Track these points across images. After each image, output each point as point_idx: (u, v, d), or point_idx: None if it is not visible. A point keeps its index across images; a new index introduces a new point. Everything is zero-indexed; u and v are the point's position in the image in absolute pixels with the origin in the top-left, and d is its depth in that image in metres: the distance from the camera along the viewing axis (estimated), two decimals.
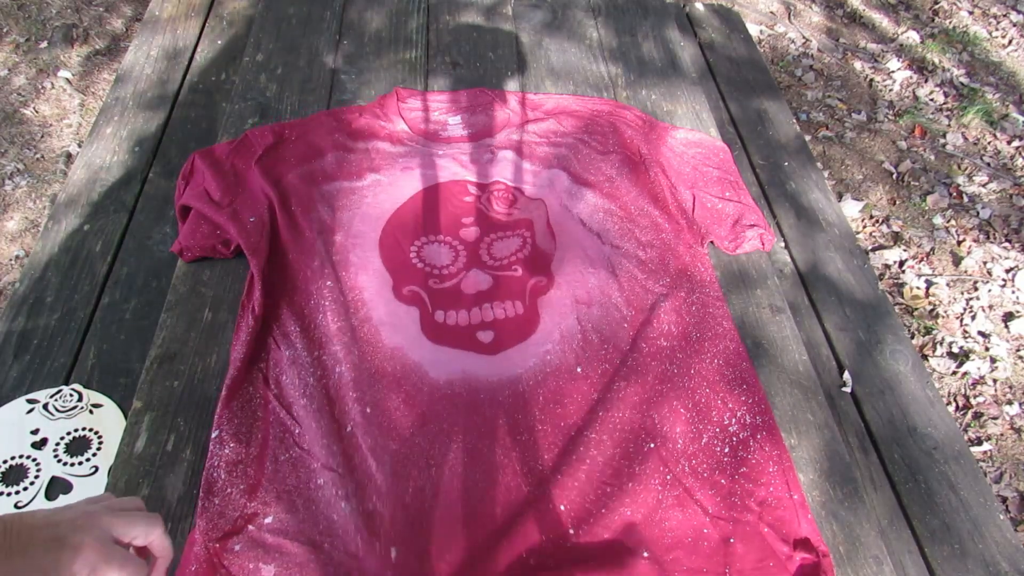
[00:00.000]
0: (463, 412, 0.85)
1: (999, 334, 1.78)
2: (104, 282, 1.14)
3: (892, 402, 1.13)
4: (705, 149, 1.19)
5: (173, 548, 0.55)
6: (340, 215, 1.03)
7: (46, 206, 1.86)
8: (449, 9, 1.44)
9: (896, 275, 1.89)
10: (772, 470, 0.82)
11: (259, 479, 0.78)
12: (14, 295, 1.13)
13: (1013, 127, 2.33)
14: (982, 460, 1.55)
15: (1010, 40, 2.69)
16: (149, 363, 0.88)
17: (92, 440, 0.97)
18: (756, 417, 0.86)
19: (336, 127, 1.15)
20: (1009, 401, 1.65)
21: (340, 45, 1.34)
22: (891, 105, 2.40)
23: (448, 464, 0.81)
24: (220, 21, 1.54)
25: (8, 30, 2.28)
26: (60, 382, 1.03)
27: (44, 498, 0.91)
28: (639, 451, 0.83)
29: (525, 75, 1.32)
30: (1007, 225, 2.04)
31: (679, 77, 1.34)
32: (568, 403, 0.86)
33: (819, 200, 1.43)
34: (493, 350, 0.90)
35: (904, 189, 2.13)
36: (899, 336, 1.22)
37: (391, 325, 0.92)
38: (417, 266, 0.99)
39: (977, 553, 0.97)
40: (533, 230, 1.05)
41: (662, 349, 0.92)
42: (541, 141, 1.17)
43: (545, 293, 0.97)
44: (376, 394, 0.85)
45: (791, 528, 0.78)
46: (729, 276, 1.05)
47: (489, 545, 0.75)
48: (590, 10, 1.48)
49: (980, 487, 1.03)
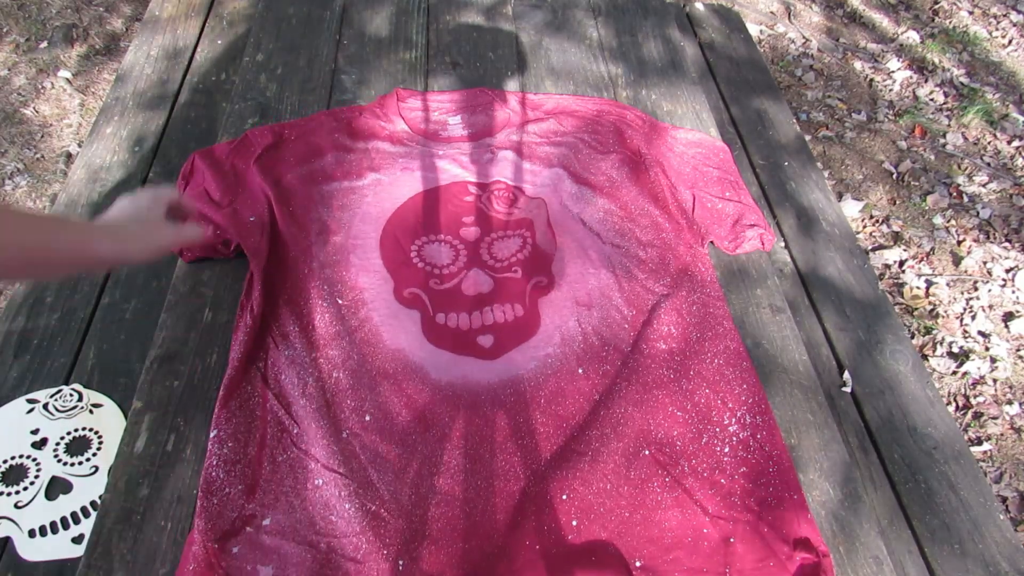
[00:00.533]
0: (464, 414, 0.85)
1: (999, 334, 1.78)
2: (104, 282, 1.15)
3: (892, 402, 1.13)
4: (705, 149, 1.19)
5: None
6: (340, 215, 1.03)
7: (46, 206, 1.86)
8: (449, 9, 1.44)
9: (896, 275, 1.89)
10: (772, 470, 0.82)
11: (257, 479, 0.78)
12: (14, 295, 1.13)
13: (1013, 127, 2.33)
14: (982, 460, 1.55)
15: (1010, 40, 2.69)
16: (149, 363, 0.88)
17: (92, 440, 0.97)
18: (756, 417, 0.86)
19: (336, 127, 1.15)
20: (1009, 401, 1.65)
21: (340, 45, 1.34)
22: (891, 105, 2.40)
23: (450, 465, 0.81)
24: (220, 21, 1.54)
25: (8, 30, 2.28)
26: (60, 382, 1.03)
27: (44, 498, 0.91)
28: (640, 451, 0.83)
29: (525, 75, 1.32)
30: (1007, 225, 2.04)
31: (679, 77, 1.34)
32: (569, 404, 0.86)
33: (819, 200, 1.43)
34: (493, 355, 0.90)
35: (904, 189, 2.13)
36: (899, 336, 1.22)
37: (392, 327, 0.92)
38: (418, 266, 0.99)
39: (977, 553, 0.97)
40: (533, 230, 1.05)
41: (663, 350, 0.92)
42: (541, 141, 1.17)
43: (546, 294, 0.97)
44: (377, 395, 0.85)
45: (791, 528, 0.78)
46: (729, 276, 1.05)
47: (491, 547, 0.75)
48: (590, 10, 1.48)
49: (980, 487, 1.03)
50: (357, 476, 0.78)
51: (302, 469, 0.79)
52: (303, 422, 0.82)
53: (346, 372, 0.86)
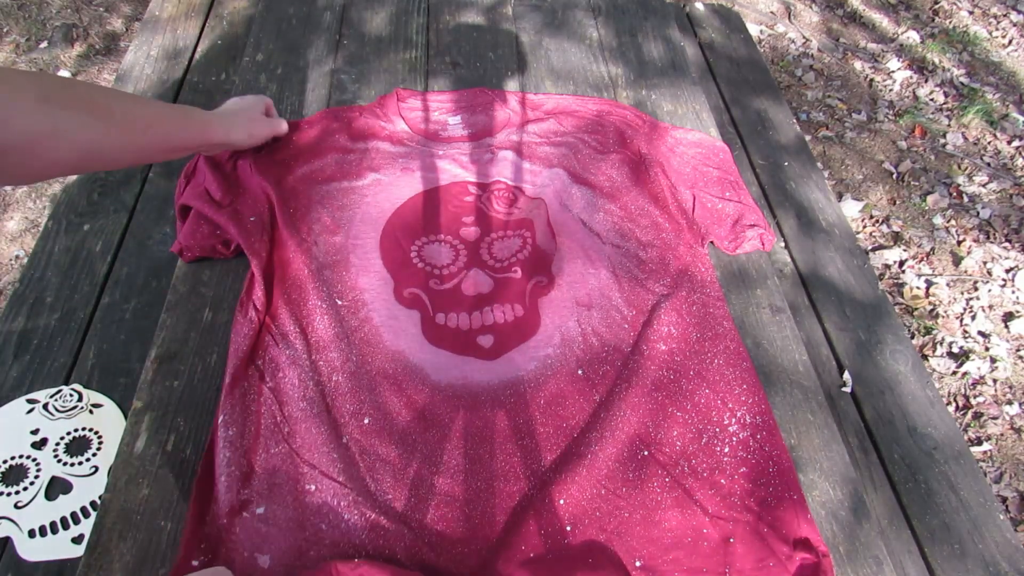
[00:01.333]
0: (464, 414, 0.85)
1: (999, 334, 1.78)
2: (104, 282, 1.14)
3: (892, 402, 1.13)
4: (705, 149, 1.19)
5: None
6: (340, 215, 1.03)
7: (46, 206, 1.86)
8: (449, 9, 1.44)
9: (896, 275, 1.90)
10: (772, 470, 0.82)
11: (252, 468, 0.79)
12: (14, 295, 1.13)
13: (1013, 127, 2.34)
14: (982, 460, 1.55)
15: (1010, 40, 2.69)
16: (149, 363, 0.88)
17: (92, 440, 0.97)
18: (756, 417, 0.86)
19: (336, 127, 1.15)
20: (1009, 401, 1.65)
21: (340, 45, 1.34)
22: (891, 105, 2.40)
23: (449, 466, 0.81)
24: (220, 21, 1.54)
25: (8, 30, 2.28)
26: (60, 382, 1.03)
27: (44, 498, 0.91)
28: (640, 452, 0.83)
29: (525, 75, 1.32)
30: (1007, 225, 2.04)
31: (679, 77, 1.34)
32: (570, 404, 0.86)
33: (819, 200, 1.43)
34: (493, 355, 0.91)
35: (904, 189, 2.13)
36: (899, 336, 1.22)
37: (392, 328, 0.92)
38: (417, 266, 0.99)
39: (977, 553, 0.97)
40: (533, 230, 1.05)
41: (663, 350, 0.92)
42: (541, 141, 1.17)
43: (546, 294, 0.97)
44: (377, 397, 0.85)
45: (791, 528, 0.78)
46: (729, 276, 1.05)
47: (490, 548, 0.75)
48: (590, 10, 1.48)
49: (980, 487, 1.04)
50: (355, 483, 0.78)
51: (295, 469, 0.79)
52: (299, 424, 0.82)
53: (345, 375, 0.86)
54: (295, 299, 0.93)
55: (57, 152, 0.71)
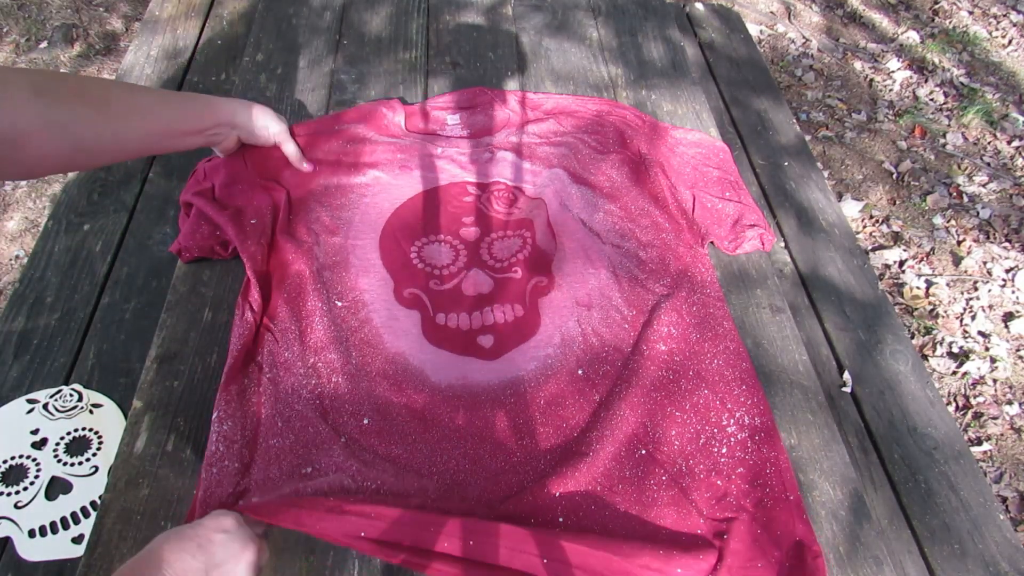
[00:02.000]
0: (464, 414, 0.85)
1: (999, 334, 1.78)
2: (104, 282, 1.14)
3: (892, 402, 1.13)
4: (705, 149, 1.19)
5: None
6: (340, 216, 1.03)
7: (46, 206, 1.86)
8: (449, 9, 1.44)
9: (896, 275, 1.90)
10: (769, 471, 0.82)
11: (253, 459, 0.79)
12: (14, 295, 1.13)
13: (1013, 127, 2.34)
14: (982, 460, 1.55)
15: (1010, 40, 2.69)
16: (149, 363, 0.88)
17: (92, 440, 0.97)
18: (755, 418, 0.86)
19: (336, 128, 1.15)
20: (1009, 401, 1.65)
21: (340, 45, 1.34)
22: (891, 105, 2.40)
23: (449, 466, 0.81)
24: (220, 21, 1.54)
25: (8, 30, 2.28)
26: (60, 382, 1.03)
27: (44, 498, 0.91)
28: (638, 452, 0.83)
29: (525, 75, 1.32)
30: (1007, 225, 2.04)
31: (679, 77, 1.34)
32: (569, 404, 0.86)
33: (819, 200, 1.43)
34: (493, 355, 0.90)
35: (904, 189, 2.13)
36: (899, 336, 1.22)
37: (392, 328, 0.92)
38: (417, 266, 0.99)
39: (977, 553, 0.97)
40: (533, 230, 1.05)
41: (662, 351, 0.91)
42: (541, 141, 1.17)
43: (546, 294, 0.97)
44: (376, 398, 0.85)
45: (786, 529, 0.78)
46: (729, 276, 1.05)
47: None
48: (590, 10, 1.48)
49: (980, 487, 1.04)
50: (355, 483, 0.78)
51: (293, 470, 0.79)
52: (297, 423, 0.82)
53: (345, 376, 0.86)
54: (295, 300, 0.93)
55: (50, 145, 0.71)
